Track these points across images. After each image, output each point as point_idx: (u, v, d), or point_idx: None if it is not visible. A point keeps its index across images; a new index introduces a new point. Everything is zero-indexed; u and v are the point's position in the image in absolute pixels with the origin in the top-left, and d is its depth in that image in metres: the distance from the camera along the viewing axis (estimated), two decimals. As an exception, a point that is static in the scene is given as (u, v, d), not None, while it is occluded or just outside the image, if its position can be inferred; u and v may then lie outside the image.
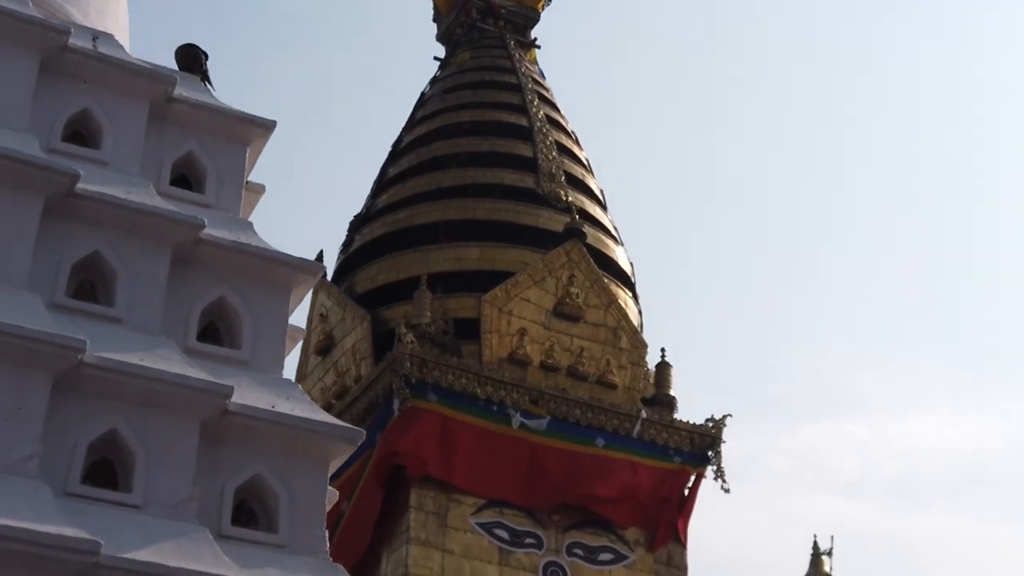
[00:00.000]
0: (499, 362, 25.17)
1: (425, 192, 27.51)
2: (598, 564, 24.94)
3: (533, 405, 24.97)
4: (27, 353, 9.30)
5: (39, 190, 10.10)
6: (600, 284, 26.38)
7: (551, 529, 24.70)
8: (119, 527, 9.10)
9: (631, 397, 25.96)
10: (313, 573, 9.66)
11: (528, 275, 25.94)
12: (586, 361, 25.82)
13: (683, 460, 25.69)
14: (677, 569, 25.46)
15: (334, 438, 10.22)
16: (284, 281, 10.91)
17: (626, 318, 26.45)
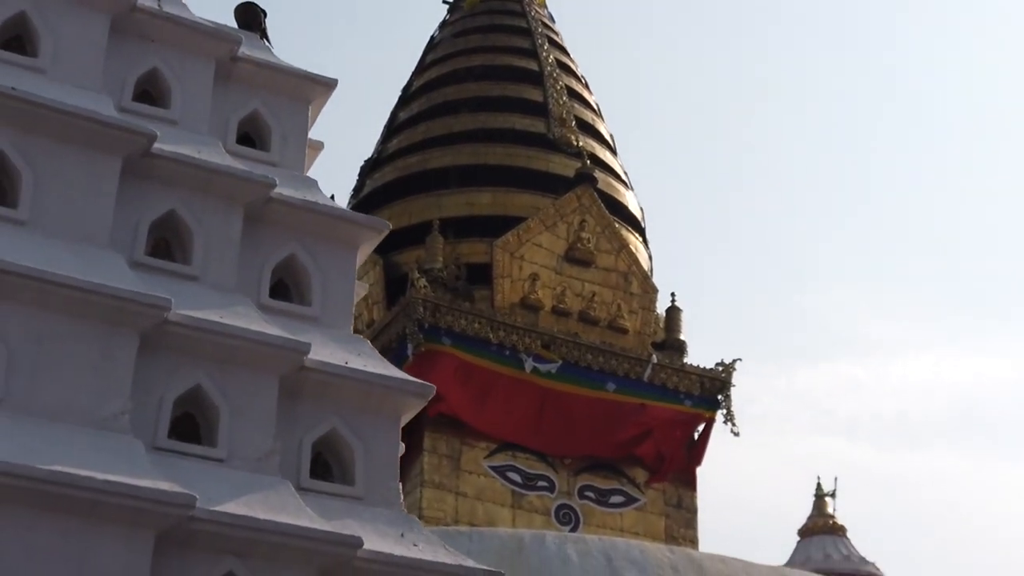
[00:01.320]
0: (511, 307, 25.54)
1: (436, 137, 27.75)
2: (609, 507, 25.45)
3: (545, 350, 25.37)
4: (115, 312, 9.62)
5: (118, 150, 10.38)
6: (611, 229, 26.72)
7: (563, 472, 25.18)
8: (207, 481, 9.46)
9: (642, 342, 26.39)
10: (390, 525, 10.04)
11: (540, 220, 26.26)
12: (597, 306, 26.20)
13: (693, 404, 26.16)
14: (687, 511, 25.99)
15: (406, 393, 10.58)
16: (351, 239, 11.24)
17: (637, 263, 26.82)
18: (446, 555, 9.97)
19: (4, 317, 9.40)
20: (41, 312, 9.50)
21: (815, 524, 30.28)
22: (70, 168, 10.23)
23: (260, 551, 9.28)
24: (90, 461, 8.96)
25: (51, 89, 10.44)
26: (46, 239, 9.93)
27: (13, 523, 8.68)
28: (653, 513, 25.76)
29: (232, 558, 9.23)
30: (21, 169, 10.08)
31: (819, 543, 29.85)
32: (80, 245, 10.00)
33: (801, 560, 29.41)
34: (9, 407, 9.21)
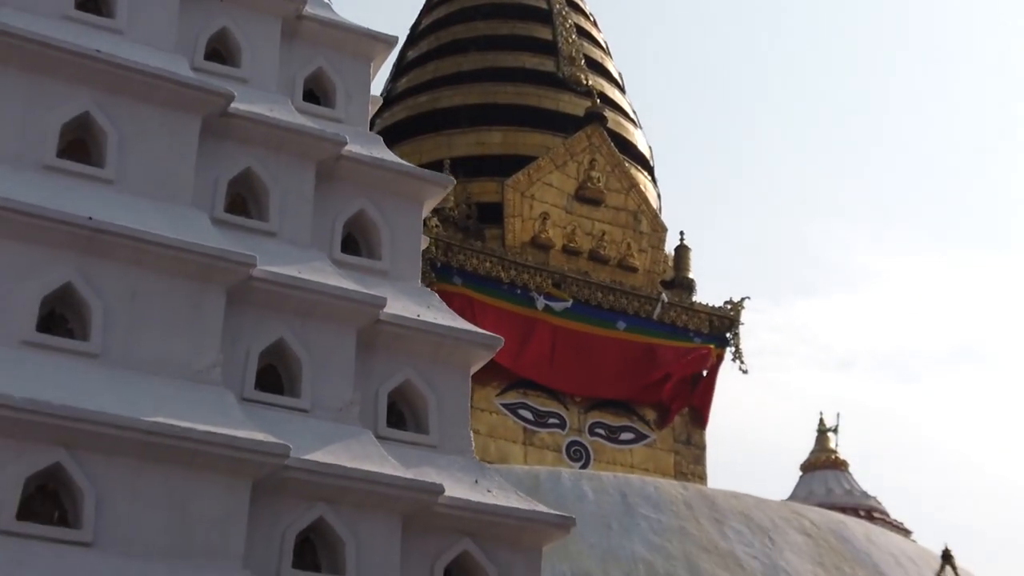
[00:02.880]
0: (522, 246, 26.06)
1: (446, 76, 28.13)
2: (619, 443, 26.14)
3: (556, 289, 25.95)
4: (204, 269, 10.13)
5: (197, 110, 10.84)
6: (621, 168, 27.22)
7: (573, 409, 25.83)
8: (293, 430, 10.01)
9: (651, 280, 26.98)
10: (464, 471, 10.62)
11: (550, 159, 26.74)
12: (607, 245, 26.74)
13: (702, 342, 26.80)
14: (696, 448, 26.71)
15: (476, 344, 11.14)
16: (417, 194, 11.74)
17: (646, 202, 27.35)
18: (518, 500, 10.56)
19: (99, 274, 9.90)
20: (134, 269, 10.00)
21: (817, 459, 31.08)
22: (152, 128, 10.68)
23: (348, 498, 9.85)
24: (188, 413, 9.50)
25: (130, 50, 10.87)
26: (133, 198, 10.40)
27: (120, 472, 9.23)
28: (662, 450, 26.47)
29: (323, 504, 9.81)
30: (107, 129, 10.54)
31: (821, 478, 30.66)
32: (165, 203, 10.48)
33: (803, 495, 30.21)
34: (108, 361, 9.73)
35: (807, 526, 23.34)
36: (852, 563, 22.78)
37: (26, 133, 10.31)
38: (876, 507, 29.98)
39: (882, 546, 23.45)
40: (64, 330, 9.85)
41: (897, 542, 24.27)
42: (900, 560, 23.24)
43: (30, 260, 9.75)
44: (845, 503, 29.65)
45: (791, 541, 22.86)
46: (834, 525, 23.50)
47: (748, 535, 22.71)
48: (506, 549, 10.37)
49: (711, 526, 22.89)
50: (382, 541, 9.92)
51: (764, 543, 22.68)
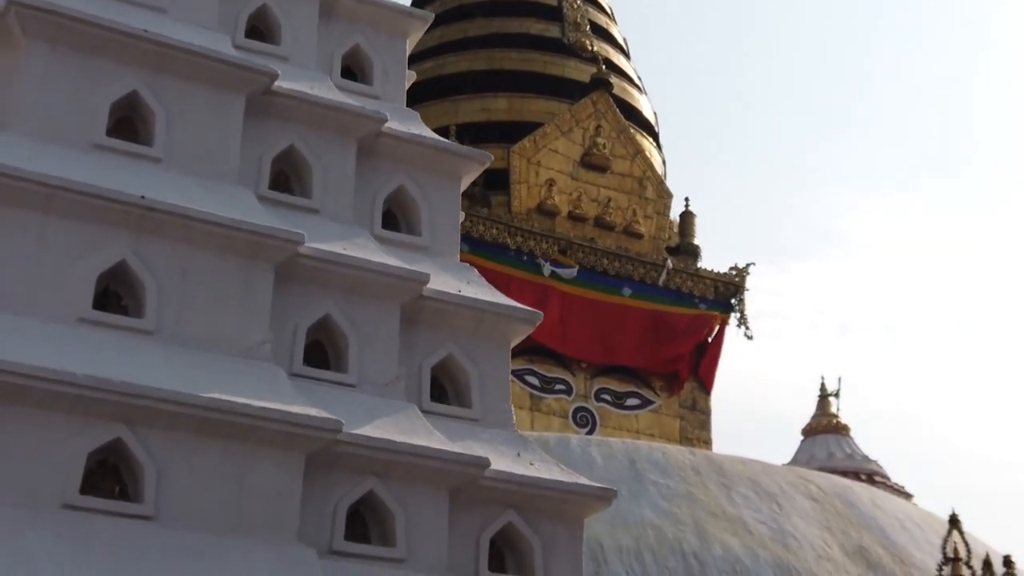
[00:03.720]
0: (528, 212, 26.33)
1: (451, 42, 28.30)
2: (625, 409, 26.50)
3: (562, 255, 26.24)
4: (253, 246, 10.36)
5: (242, 88, 11.05)
6: (626, 134, 27.47)
7: (580, 375, 26.16)
8: (342, 405, 10.26)
9: (657, 246, 27.28)
10: (506, 445, 10.90)
11: (556, 126, 26.99)
12: (613, 211, 27.03)
13: (708, 308, 27.12)
14: (701, 413, 27.08)
15: (516, 319, 11.40)
16: (455, 170, 11.98)
17: (652, 168, 27.61)
18: (560, 473, 10.85)
19: (152, 252, 10.12)
20: (184, 247, 10.22)
21: (819, 424, 31.46)
22: (198, 107, 10.88)
23: (398, 472, 10.13)
24: (242, 389, 9.75)
25: (174, 29, 11.06)
26: (181, 176, 10.61)
27: (178, 447, 9.49)
28: (668, 415, 26.83)
29: (373, 478, 10.08)
30: (154, 108, 10.74)
31: (823, 442, 31.06)
32: (212, 181, 10.70)
33: (805, 459, 30.62)
34: (162, 338, 9.97)
35: (814, 491, 23.72)
36: (858, 527, 23.17)
37: (76, 112, 10.50)
38: (877, 471, 30.39)
39: (888, 510, 23.85)
40: (118, 307, 10.08)
41: (902, 506, 24.67)
42: (905, 524, 23.63)
43: (85, 238, 9.97)
44: (846, 467, 30.06)
45: (798, 506, 23.24)
46: (840, 490, 23.89)
47: (756, 500, 23.09)
48: (549, 521, 10.66)
49: (719, 491, 23.26)
50: (430, 513, 10.20)
51: (771, 508, 23.06)
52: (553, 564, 10.58)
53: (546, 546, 10.58)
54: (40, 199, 9.86)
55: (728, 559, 21.70)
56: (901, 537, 23.17)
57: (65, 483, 9.13)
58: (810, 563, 22.18)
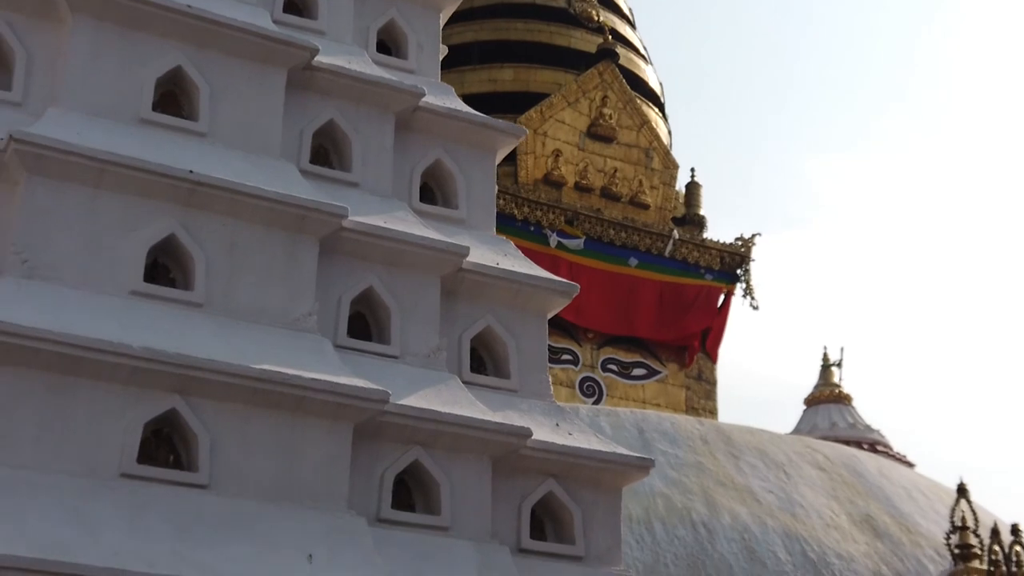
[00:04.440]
0: (535, 183, 26.56)
1: (457, 12, 28.27)
2: (631, 379, 26.79)
3: (568, 226, 26.48)
4: (299, 220, 10.58)
5: (284, 63, 11.25)
6: (633, 105, 27.69)
7: (586, 346, 26.44)
8: (386, 376, 10.50)
9: (663, 217, 27.54)
10: (545, 415, 11.15)
11: (562, 96, 27.20)
12: (619, 182, 27.28)
13: (713, 278, 27.41)
14: (707, 383, 27.39)
15: (553, 292, 11.65)
16: (490, 144, 12.20)
17: (658, 139, 27.85)
18: (599, 443, 11.12)
19: (200, 226, 10.35)
20: (231, 221, 10.45)
21: (821, 393, 31.77)
22: (241, 82, 11.09)
23: (442, 442, 10.39)
24: (292, 360, 10.00)
25: (217, 4, 11.25)
26: (226, 150, 10.83)
27: (230, 418, 9.74)
28: (674, 385, 27.14)
29: (418, 448, 10.34)
30: (198, 83, 10.94)
31: (825, 411, 31.38)
32: (256, 156, 10.91)
33: (807, 428, 30.94)
34: (211, 310, 10.20)
35: (821, 460, 24.05)
36: (865, 496, 23.50)
37: (123, 87, 10.70)
38: (879, 440, 30.73)
39: (894, 480, 24.18)
40: (167, 280, 10.31)
41: (908, 476, 25.01)
42: (912, 493, 23.97)
43: (135, 212, 10.19)
44: (848, 436, 30.38)
45: (806, 475, 23.56)
46: (847, 460, 24.22)
47: (763, 470, 23.41)
48: (588, 490, 10.93)
49: (727, 461, 23.57)
50: (473, 482, 10.46)
51: (779, 477, 23.38)
52: (592, 532, 10.86)
53: (586, 514, 10.86)
54: (92, 174, 10.07)
55: (737, 528, 22.00)
56: (907, 506, 23.50)
57: (122, 453, 9.38)
58: (818, 532, 22.50)
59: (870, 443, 30.34)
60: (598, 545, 10.83)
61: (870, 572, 21.90)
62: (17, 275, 9.69)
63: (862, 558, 22.09)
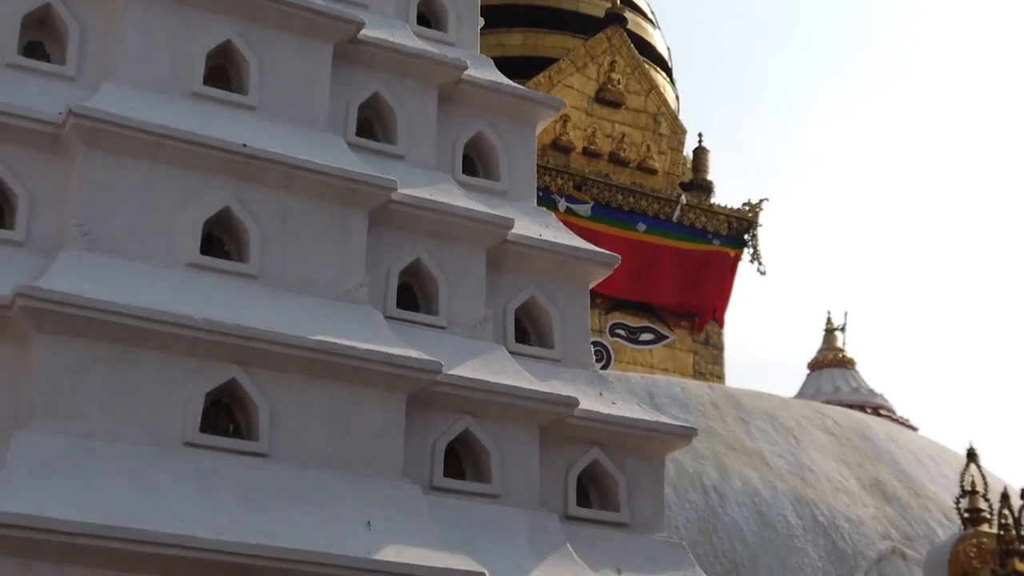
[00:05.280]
0: (543, 149, 26.72)
1: (466, -24, 28.52)
2: (639, 344, 27.07)
3: (577, 191, 26.70)
4: (349, 192, 10.83)
5: (331, 37, 11.46)
6: (641, 70, 27.88)
7: (594, 311, 26.64)
8: (435, 347, 10.77)
9: (671, 182, 27.77)
10: (588, 384, 11.43)
11: (570, 61, 27.35)
12: (627, 147, 27.48)
13: (721, 243, 27.67)
14: (715, 348, 27.69)
15: (595, 263, 11.92)
16: (531, 116, 12.44)
17: (666, 104, 28.05)
18: (641, 412, 11.41)
19: (253, 199, 10.59)
20: (283, 194, 10.69)
21: (824, 357, 32.04)
22: (289, 55, 11.31)
23: (492, 411, 10.67)
24: (346, 331, 10.26)
25: (262, -23, 11.45)
26: (275, 123, 11.05)
27: (288, 388, 10.01)
28: (682, 350, 27.43)
29: (468, 417, 10.62)
30: (247, 57, 11.16)
31: (828, 376, 31.67)
32: (305, 129, 11.14)
33: (811, 392, 31.25)
34: (266, 282, 10.46)
35: (830, 425, 24.38)
36: (874, 461, 23.85)
37: (174, 61, 10.92)
38: (883, 404, 31.04)
39: (902, 444, 24.54)
40: (221, 252, 10.55)
41: (917, 440, 25.38)
42: (920, 458, 24.33)
43: (190, 186, 10.42)
44: (852, 400, 30.68)
45: (815, 440, 23.89)
46: (856, 424, 24.56)
47: (773, 434, 23.73)
48: (632, 458, 11.23)
49: (737, 426, 23.90)
50: (522, 451, 10.75)
51: (789, 442, 23.71)
52: (637, 499, 11.16)
53: (630, 482, 11.15)
54: (148, 148, 10.30)
55: (747, 492, 22.32)
56: (916, 470, 23.86)
57: (185, 422, 9.65)
58: (827, 495, 22.85)
59: (873, 407, 30.66)
60: (642, 512, 11.14)
61: (879, 535, 22.27)
62: (78, 248, 9.92)
63: (871, 521, 22.45)
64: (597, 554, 10.66)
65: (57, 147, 10.28)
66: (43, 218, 10.15)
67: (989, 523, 20.36)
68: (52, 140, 10.26)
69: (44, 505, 8.74)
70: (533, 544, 10.32)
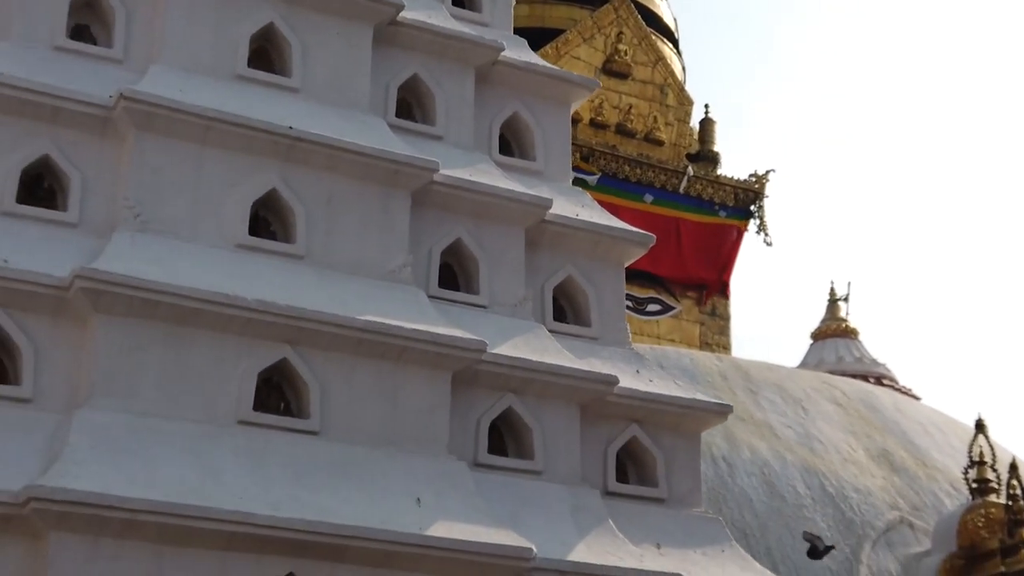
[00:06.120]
0: (550, 119, 26.91)
1: (472, -54, 28.67)
2: (646, 315, 27.35)
3: (584, 162, 26.90)
4: (392, 174, 11.07)
5: (371, 19, 11.68)
6: (648, 41, 28.06)
7: (601, 281, 26.95)
8: (476, 326, 11.02)
9: (677, 153, 28.00)
10: (625, 362, 11.70)
11: (577, 33, 27.54)
12: (634, 118, 27.69)
13: (727, 215, 27.94)
14: (721, 319, 27.99)
15: (630, 242, 12.17)
16: (565, 96, 12.67)
17: (672, 75, 28.25)
18: (677, 389, 11.70)
19: (299, 180, 10.83)
20: (328, 175, 10.93)
21: (827, 328, 32.31)
22: (331, 38, 11.52)
23: (534, 389, 10.95)
24: (391, 310, 10.52)
25: (303, -39, 11.66)
26: (318, 105, 11.28)
27: (337, 367, 10.28)
28: (688, 321, 27.72)
29: (511, 395, 10.91)
30: (290, 40, 11.37)
31: (832, 346, 31.95)
32: (347, 110, 11.37)
33: (814, 362, 31.55)
34: (312, 263, 10.71)
35: (838, 396, 24.70)
36: (882, 431, 24.18)
37: (219, 45, 11.14)
38: (885, 374, 31.35)
39: (910, 415, 24.87)
40: (267, 233, 10.79)
41: (923, 411, 25.70)
42: (927, 428, 24.66)
43: (238, 167, 10.66)
44: (855, 370, 30.97)
45: (823, 410, 24.21)
46: (864, 395, 24.87)
47: (782, 405, 24.04)
48: (669, 434, 11.53)
49: (746, 397, 24.19)
50: (563, 428, 11.03)
51: (797, 413, 24.01)
52: (674, 475, 11.47)
53: (667, 458, 11.45)
54: (198, 131, 10.53)
55: (756, 462, 22.63)
56: (923, 441, 24.18)
57: (239, 401, 9.93)
58: (836, 466, 23.17)
59: (876, 377, 30.95)
60: (679, 487, 11.44)
61: (887, 505, 22.60)
62: (131, 229, 10.17)
63: (879, 492, 22.77)
64: (636, 529, 10.96)
65: (108, 130, 10.51)
66: (94, 200, 10.40)
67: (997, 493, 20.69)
68: (103, 123, 10.49)
69: (108, 483, 9.02)
70: (576, 519, 10.61)
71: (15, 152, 10.25)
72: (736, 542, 18.31)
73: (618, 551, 10.47)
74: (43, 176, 10.42)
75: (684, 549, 11.04)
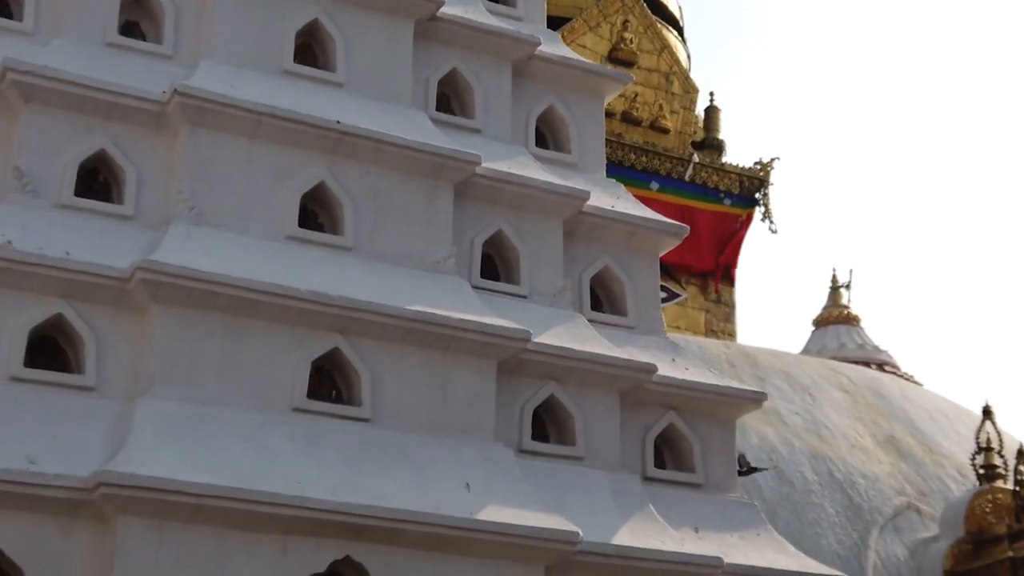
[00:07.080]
0: (556, 107, 27.27)
1: (478, -66, 28.98)
2: (652, 302, 27.72)
3: (590, 150, 27.26)
4: (436, 167, 11.43)
5: (412, 15, 12.03)
6: (653, 29, 28.43)
7: (607, 269, 27.34)
8: (516, 315, 11.38)
9: (683, 141, 28.39)
10: (661, 351, 12.09)
11: (583, 21, 27.89)
12: (640, 106, 28.07)
13: (733, 202, 28.33)
14: (726, 306, 28.39)
15: (665, 233, 12.55)
16: (599, 90, 13.04)
17: (678, 63, 28.63)
18: (713, 376, 12.09)
19: (345, 173, 11.18)
20: (374, 168, 11.29)
21: (829, 314, 32.74)
22: (374, 33, 11.87)
23: (575, 377, 11.34)
24: (438, 301, 10.89)
25: (345, -43, 12.00)
26: (363, 100, 11.62)
27: (387, 356, 10.65)
28: (694, 308, 28.13)
29: (553, 383, 11.28)
30: (334, 35, 11.71)
31: (833, 332, 32.39)
32: (390, 104, 11.72)
33: (816, 349, 31.98)
34: (360, 254, 11.06)
35: (845, 383, 25.13)
36: (888, 418, 24.63)
37: (266, 40, 11.47)
38: (887, 360, 31.78)
39: (916, 402, 25.32)
40: (315, 225, 11.14)
41: (929, 398, 26.14)
42: (933, 415, 25.12)
43: (287, 161, 11.01)
44: (857, 357, 31.38)
45: (830, 397, 24.64)
46: (871, 382, 25.31)
47: (789, 392, 24.46)
48: (705, 421, 11.92)
49: (754, 383, 24.51)
50: (603, 415, 11.42)
51: (805, 399, 24.44)
52: (710, 461, 11.86)
53: (704, 445, 11.85)
54: (249, 125, 10.88)
55: (764, 449, 23.04)
56: (930, 427, 24.62)
57: (293, 389, 10.29)
58: (843, 452, 23.60)
59: (878, 363, 31.37)
60: (716, 473, 11.83)
61: (894, 491, 23.04)
62: (186, 222, 10.51)
63: (886, 478, 23.22)
64: (674, 514, 11.36)
65: (161, 124, 10.83)
66: (149, 193, 10.73)
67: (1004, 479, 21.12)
68: (156, 118, 10.82)
69: (173, 468, 9.38)
70: (618, 504, 11.00)
71: (73, 146, 10.58)
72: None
73: (660, 535, 10.86)
74: (98, 170, 10.75)
75: (721, 533, 11.43)
